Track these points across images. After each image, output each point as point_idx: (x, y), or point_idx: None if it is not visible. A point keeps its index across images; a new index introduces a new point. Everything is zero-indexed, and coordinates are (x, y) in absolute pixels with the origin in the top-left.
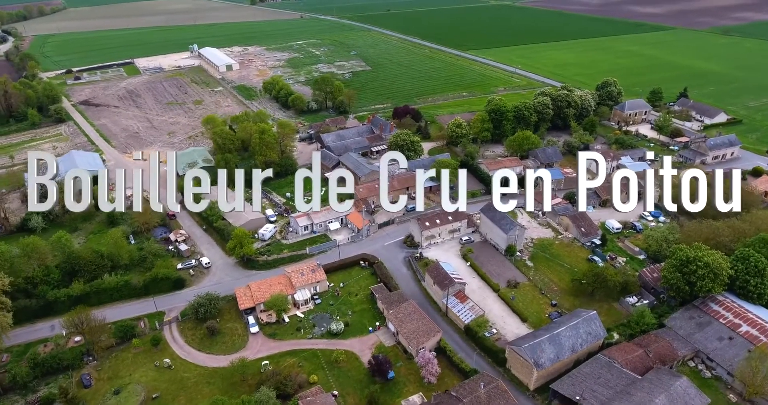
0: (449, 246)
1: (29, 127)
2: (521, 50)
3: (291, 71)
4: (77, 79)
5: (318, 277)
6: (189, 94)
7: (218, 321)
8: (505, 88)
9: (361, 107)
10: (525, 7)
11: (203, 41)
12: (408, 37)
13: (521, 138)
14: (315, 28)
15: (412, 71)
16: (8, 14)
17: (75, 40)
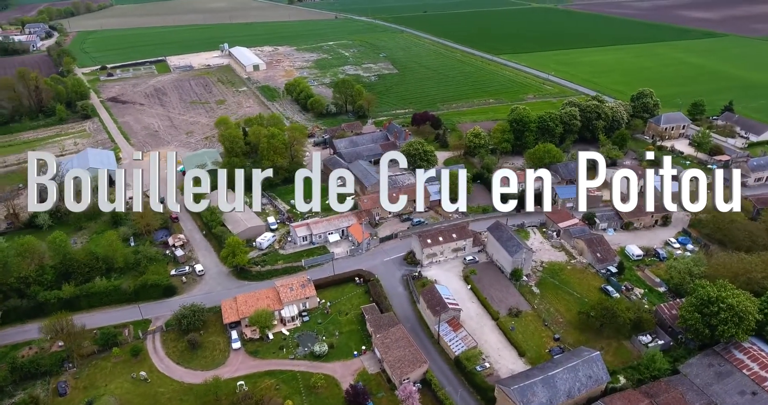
0: (452, 265)
1: (56, 123)
2: (558, 56)
3: (317, 72)
4: (110, 76)
5: (307, 293)
6: (213, 93)
7: (202, 334)
8: (535, 95)
9: (382, 112)
10: (568, 11)
11: (236, 40)
12: (441, 40)
13: (542, 151)
14: (348, 28)
15: (440, 75)
16: (57, 10)
17: (114, 36)
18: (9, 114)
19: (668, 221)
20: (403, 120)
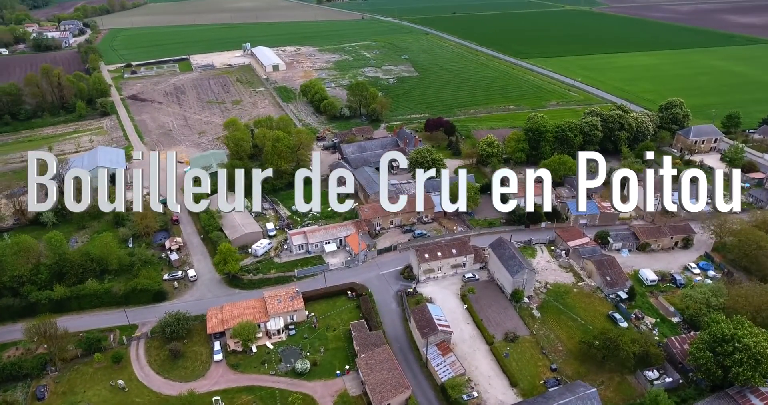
0: (450, 282)
1: (76, 119)
2: (587, 61)
3: (336, 74)
4: (133, 74)
5: (295, 306)
6: (231, 93)
7: (185, 343)
8: (558, 103)
9: (397, 116)
10: (603, 14)
11: (261, 40)
12: (466, 42)
13: (557, 162)
14: (373, 29)
15: (461, 79)
16: (93, 8)
17: (143, 34)
18: (32, 109)
19: (690, 243)
20: (417, 125)
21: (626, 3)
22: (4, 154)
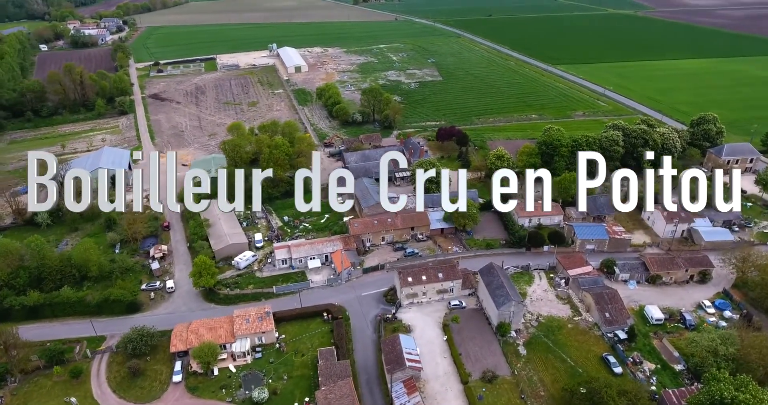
0: (434, 309)
1: (95, 117)
2: (621, 68)
3: (358, 77)
4: (159, 72)
5: (264, 327)
6: (249, 94)
7: (148, 360)
8: (585, 113)
9: (411, 123)
10: (647, 18)
11: (290, 40)
12: (497, 46)
13: (568, 180)
14: (404, 31)
15: (485, 85)
16: (134, 6)
17: (177, 33)
18: (54, 107)
19: (707, 278)
20: (431, 133)
21: (675, 7)
22: (18, 151)
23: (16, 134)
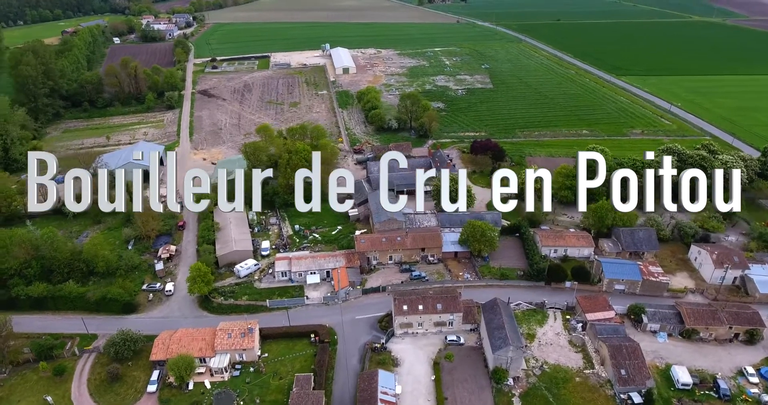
0: (429, 342)
1: (143, 111)
2: (695, 81)
3: (405, 81)
4: (214, 69)
5: (246, 344)
6: (293, 94)
7: (130, 365)
8: (644, 131)
9: (449, 132)
10: (737, 27)
11: (348, 40)
12: (559, 53)
13: (604, 209)
14: (464, 34)
15: (537, 95)
16: (207, 2)
17: (240, 30)
18: (110, 98)
19: (756, 338)
20: (467, 145)
21: None
22: (68, 140)
23: (71, 123)
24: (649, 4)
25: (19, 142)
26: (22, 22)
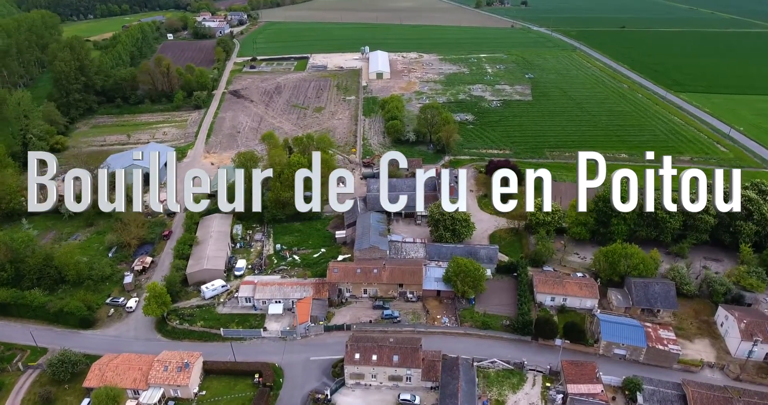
0: (381, 398)
1: (172, 109)
2: (765, 103)
3: (439, 89)
4: (252, 68)
5: (180, 380)
6: (321, 98)
7: (66, 388)
8: (693, 158)
9: (470, 149)
10: None
11: (392, 43)
12: (615, 65)
13: (617, 253)
14: (516, 40)
15: (579, 111)
16: (264, 0)
17: (288, 29)
18: (142, 96)
19: None
20: (486, 164)
21: None
22: (94, 137)
23: (101, 119)
24: (729, 13)
25: (42, 137)
26: (92, 16)
